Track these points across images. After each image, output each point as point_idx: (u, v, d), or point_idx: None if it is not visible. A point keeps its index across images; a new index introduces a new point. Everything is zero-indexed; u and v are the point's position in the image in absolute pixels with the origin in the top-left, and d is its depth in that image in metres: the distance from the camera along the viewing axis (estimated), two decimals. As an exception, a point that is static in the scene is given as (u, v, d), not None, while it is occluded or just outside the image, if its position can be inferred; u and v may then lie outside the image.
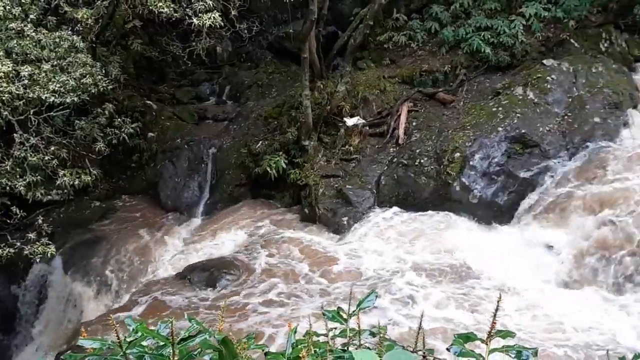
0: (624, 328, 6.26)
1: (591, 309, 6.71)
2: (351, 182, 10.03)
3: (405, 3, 12.68)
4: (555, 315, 6.57)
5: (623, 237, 7.32)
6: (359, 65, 12.18)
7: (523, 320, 6.49)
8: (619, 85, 10.14)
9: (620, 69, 10.75)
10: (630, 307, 6.64)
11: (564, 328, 6.32)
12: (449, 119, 10.46)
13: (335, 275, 7.73)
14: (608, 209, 7.72)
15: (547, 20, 11.68)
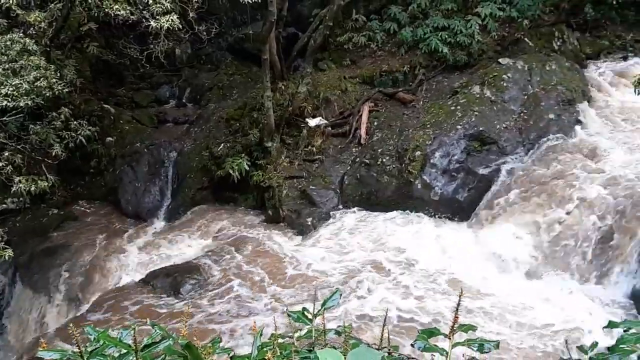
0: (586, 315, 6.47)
1: (551, 297, 6.91)
2: (315, 182, 10.06)
3: (364, 4, 12.79)
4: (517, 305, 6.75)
5: (576, 229, 7.57)
6: (319, 66, 12.23)
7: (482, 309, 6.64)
8: (572, 82, 10.47)
9: (572, 67, 11.10)
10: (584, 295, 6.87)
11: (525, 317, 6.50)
12: (409, 118, 10.60)
13: (299, 276, 7.75)
14: (562, 202, 7.97)
15: (502, 19, 11.97)
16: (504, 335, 6.09)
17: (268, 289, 7.54)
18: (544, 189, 8.38)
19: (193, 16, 8.97)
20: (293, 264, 8.06)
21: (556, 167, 8.70)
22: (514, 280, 7.44)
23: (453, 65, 11.49)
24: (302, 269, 7.93)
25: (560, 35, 12.05)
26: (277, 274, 7.87)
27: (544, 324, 6.36)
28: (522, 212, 8.27)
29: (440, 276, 7.44)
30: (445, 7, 11.96)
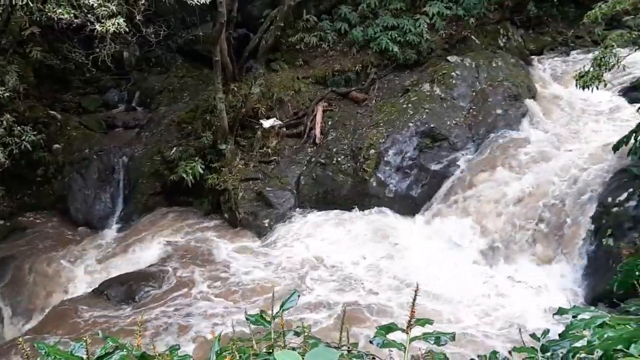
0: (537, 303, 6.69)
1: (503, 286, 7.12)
2: (271, 184, 10.02)
3: (315, 4, 12.82)
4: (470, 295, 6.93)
5: (525, 219, 7.83)
6: (272, 67, 12.19)
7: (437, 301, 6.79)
8: (518, 78, 10.81)
9: (517, 63, 11.47)
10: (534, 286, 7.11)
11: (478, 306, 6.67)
12: (362, 117, 10.70)
13: (257, 278, 7.71)
14: (511, 193, 8.22)
15: (449, 18, 12.23)
16: (458, 325, 6.23)
17: (225, 292, 7.47)
18: (493, 182, 8.63)
19: (140, 19, 8.77)
20: (250, 266, 8.01)
21: (504, 160, 8.98)
22: (466, 270, 7.62)
23: (403, 64, 11.66)
24: (260, 270, 7.90)
25: (505, 33, 12.42)
26: (235, 276, 7.81)
27: (497, 313, 6.55)
28: (473, 205, 8.48)
29: (395, 271, 7.56)
30: (394, 6, 12.12)
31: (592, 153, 8.39)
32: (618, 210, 6.76)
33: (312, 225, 9.02)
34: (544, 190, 7.92)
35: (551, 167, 8.35)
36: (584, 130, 9.39)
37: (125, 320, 7.09)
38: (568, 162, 8.29)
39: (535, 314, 6.33)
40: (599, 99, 9.68)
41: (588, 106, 10.04)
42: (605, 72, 6.82)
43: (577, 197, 7.52)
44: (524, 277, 7.29)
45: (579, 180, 7.74)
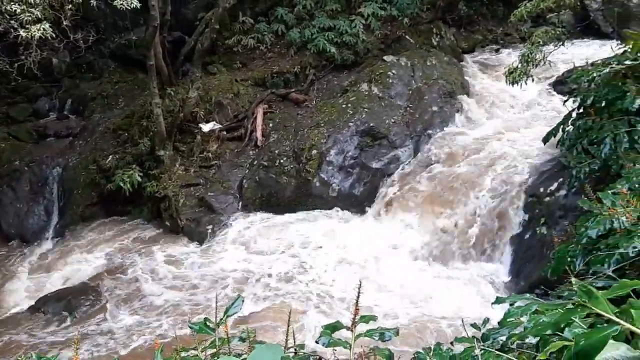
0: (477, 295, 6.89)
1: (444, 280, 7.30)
2: (213, 188, 9.87)
3: (250, 6, 12.72)
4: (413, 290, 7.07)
5: (463, 213, 8.07)
6: (209, 70, 12.01)
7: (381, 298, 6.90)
8: (451, 76, 11.14)
9: (451, 61, 11.81)
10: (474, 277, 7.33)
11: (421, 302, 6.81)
12: (303, 118, 10.72)
13: (200, 285, 7.56)
14: (449, 189, 8.45)
15: (384, 18, 12.44)
16: (401, 320, 6.35)
17: (169, 301, 7.29)
18: (431, 178, 8.85)
19: (67, 24, 8.44)
20: (193, 274, 7.86)
21: (441, 156, 9.23)
22: (408, 266, 7.75)
23: (341, 65, 11.77)
24: (203, 277, 7.76)
25: (438, 32, 12.75)
26: (177, 285, 7.63)
27: (438, 306, 6.70)
28: (413, 201, 8.66)
29: (339, 270, 7.61)
30: (329, 7, 12.21)
31: (523, 145, 8.73)
32: (549, 200, 7.06)
33: (256, 228, 8.94)
34: (479, 184, 8.18)
35: (485, 160, 8.63)
36: (514, 123, 9.76)
37: (64, 337, 6.80)
38: (501, 154, 8.60)
39: (476, 304, 6.51)
40: (528, 93, 10.08)
41: (518, 100, 10.45)
42: (533, 67, 7.12)
43: (511, 189, 7.81)
44: (463, 269, 7.49)
45: (512, 171, 8.04)
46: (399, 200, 8.84)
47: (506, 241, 7.47)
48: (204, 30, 11.67)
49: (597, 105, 6.27)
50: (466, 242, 7.77)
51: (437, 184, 8.65)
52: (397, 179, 9.28)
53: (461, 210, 8.07)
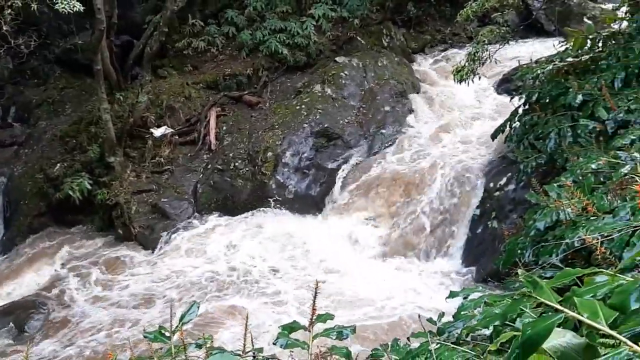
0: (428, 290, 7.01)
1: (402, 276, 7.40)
2: (166, 194, 9.68)
3: (200, 8, 12.56)
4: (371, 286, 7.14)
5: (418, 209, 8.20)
6: (160, 74, 11.78)
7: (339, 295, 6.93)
8: (402, 76, 11.31)
9: (401, 61, 11.99)
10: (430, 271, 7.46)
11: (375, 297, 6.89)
12: (257, 120, 10.66)
13: (153, 294, 7.39)
14: (402, 185, 8.58)
15: (334, 20, 12.51)
16: (359, 317, 6.40)
17: (121, 312, 7.11)
18: (385, 175, 8.96)
19: (7, 29, 8.12)
20: (146, 282, 7.68)
21: (395, 154, 9.36)
22: (365, 263, 7.83)
23: (294, 66, 11.77)
24: (157, 285, 7.59)
25: (388, 33, 12.91)
26: (130, 294, 7.44)
27: (395, 303, 6.78)
28: (369, 199, 8.75)
29: (297, 271, 7.61)
30: (280, 9, 12.19)
31: (474, 142, 8.96)
32: (500, 194, 7.27)
33: (212, 233, 8.83)
34: (433, 180, 8.34)
35: (438, 157, 8.81)
36: (464, 121, 9.99)
37: (14, 355, 6.53)
38: (453, 151, 8.80)
39: (433, 298, 6.63)
40: (477, 90, 10.34)
41: (466, 98, 10.69)
42: (479, 66, 7.30)
43: (463, 184, 7.99)
44: (420, 264, 7.62)
45: (464, 167, 8.23)
46: (354, 199, 8.91)
47: (460, 235, 7.64)
48: (152, 33, 11.44)
49: (542, 102, 6.49)
50: (422, 237, 7.90)
51: (391, 182, 8.77)
52: (352, 178, 9.36)
53: (415, 206, 8.21)
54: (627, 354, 1.29)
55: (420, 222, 8.02)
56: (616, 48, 6.13)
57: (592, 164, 4.19)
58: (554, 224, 3.82)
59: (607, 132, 5.13)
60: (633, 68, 5.44)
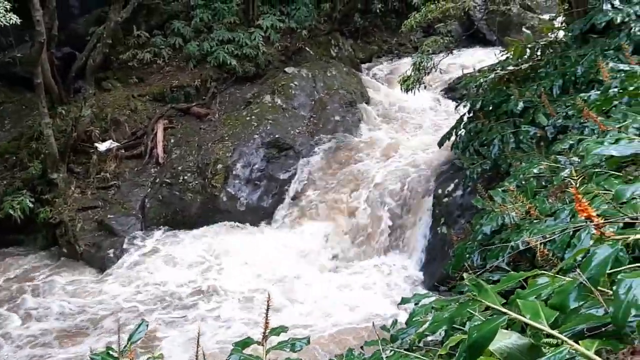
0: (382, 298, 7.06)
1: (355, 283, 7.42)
2: (113, 210, 9.39)
3: (145, 20, 12.35)
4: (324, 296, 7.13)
5: (370, 217, 8.27)
6: (104, 86, 11.48)
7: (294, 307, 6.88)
8: (351, 85, 11.44)
9: (350, 71, 12.13)
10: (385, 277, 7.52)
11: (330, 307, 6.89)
12: (206, 132, 10.52)
13: (101, 315, 7.11)
14: (355, 194, 8.63)
15: (283, 31, 12.55)
16: (314, 327, 6.38)
17: (67, 334, 6.81)
18: (337, 184, 9.01)
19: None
20: (94, 302, 7.40)
21: (346, 163, 9.42)
22: (320, 272, 7.82)
23: (243, 77, 11.72)
24: (103, 305, 7.31)
25: (336, 43, 13.05)
26: (75, 315, 7.14)
27: (349, 311, 6.79)
28: (320, 209, 8.76)
29: (248, 284, 7.50)
30: (228, 20, 12.13)
31: (422, 149, 9.13)
32: (448, 200, 7.41)
33: (160, 250, 8.60)
34: (384, 188, 8.44)
35: (388, 165, 8.92)
36: (412, 128, 10.18)
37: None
38: (402, 159, 8.94)
39: (386, 306, 6.68)
40: (422, 99, 10.55)
41: (414, 107, 10.91)
42: (425, 75, 7.46)
43: (413, 191, 8.12)
44: (372, 273, 7.66)
45: (413, 175, 8.36)
46: (307, 208, 8.91)
47: (412, 242, 7.74)
48: (95, 45, 11.14)
49: (486, 109, 6.67)
50: (374, 245, 7.96)
51: (342, 190, 8.81)
52: (304, 188, 9.35)
53: (367, 215, 8.27)
54: (568, 352, 1.32)
55: (372, 231, 8.09)
56: (554, 56, 6.37)
57: (534, 168, 4.31)
58: (499, 227, 3.91)
59: (548, 137, 5.30)
60: (570, 75, 5.66)
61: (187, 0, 12.59)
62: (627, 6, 5.75)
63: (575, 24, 6.19)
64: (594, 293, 1.49)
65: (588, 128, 3.89)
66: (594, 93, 4.15)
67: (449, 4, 7.34)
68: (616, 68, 4.24)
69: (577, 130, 4.30)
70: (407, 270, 7.54)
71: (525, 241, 3.11)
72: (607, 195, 2.53)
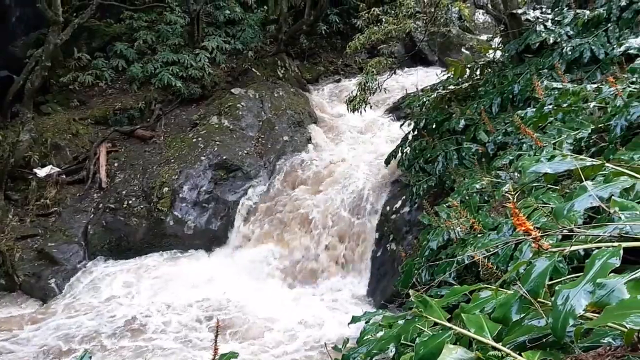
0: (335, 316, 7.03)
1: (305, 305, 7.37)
2: (54, 238, 9.00)
3: (86, 42, 12.06)
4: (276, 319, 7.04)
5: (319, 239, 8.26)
6: (43, 110, 11.08)
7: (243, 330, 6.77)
8: (299, 106, 11.49)
9: (297, 92, 12.20)
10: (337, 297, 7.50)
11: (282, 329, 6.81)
12: (151, 155, 10.31)
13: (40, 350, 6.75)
14: (303, 215, 8.61)
15: (229, 52, 12.53)
16: (265, 350, 6.28)
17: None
18: (286, 204, 8.97)
19: None
20: (32, 336, 7.03)
21: (295, 184, 9.41)
22: (270, 294, 7.72)
23: (189, 98, 11.59)
24: (44, 339, 6.94)
25: (282, 64, 13.12)
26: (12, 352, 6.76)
27: (301, 332, 6.73)
28: (271, 230, 8.69)
29: (198, 310, 7.32)
30: (172, 42, 12.01)
31: (369, 167, 9.22)
32: (395, 217, 7.51)
33: (105, 278, 8.29)
34: (333, 208, 8.46)
35: (336, 184, 8.97)
36: (359, 147, 10.30)
37: None
38: (350, 178, 9.00)
39: (337, 325, 6.65)
40: (368, 118, 10.72)
41: (360, 126, 11.05)
42: (370, 95, 7.59)
43: (362, 210, 8.18)
44: (324, 293, 7.64)
45: (362, 193, 8.44)
46: (257, 231, 8.81)
47: (362, 260, 7.77)
48: (34, 68, 10.75)
49: (429, 127, 6.84)
50: (325, 264, 7.95)
51: (292, 210, 8.78)
52: (253, 209, 9.26)
53: (317, 235, 8.26)
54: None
55: (322, 251, 8.08)
56: (492, 76, 6.62)
57: (476, 184, 4.43)
58: (445, 243, 3.99)
59: (489, 153, 5.47)
60: (507, 94, 5.88)
61: (129, 22, 12.41)
62: (558, 27, 6.06)
63: (511, 44, 6.45)
64: (535, 305, 1.52)
65: (526, 144, 4.03)
66: (530, 110, 4.31)
67: (391, 26, 7.52)
68: (550, 86, 4.43)
69: (516, 146, 4.44)
70: (357, 289, 7.55)
71: (470, 255, 3.18)
72: (545, 209, 2.63)
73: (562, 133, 3.46)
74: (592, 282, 1.38)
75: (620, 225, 1.63)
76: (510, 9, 6.61)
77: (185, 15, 12.54)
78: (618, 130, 3.04)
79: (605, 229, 1.67)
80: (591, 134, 3.34)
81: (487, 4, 8.21)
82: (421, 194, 6.30)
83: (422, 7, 7.51)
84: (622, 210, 1.68)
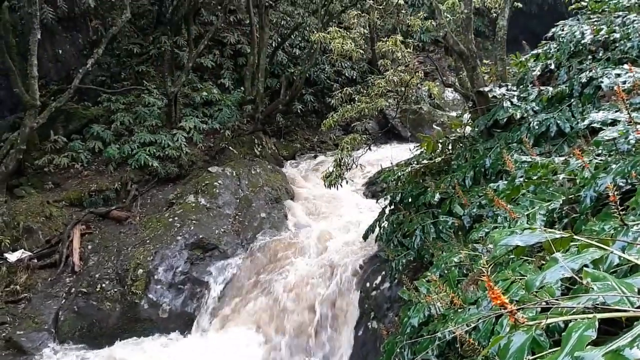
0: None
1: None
2: (23, 326, 8.61)
3: (63, 124, 12.15)
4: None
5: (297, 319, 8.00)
6: (16, 193, 10.94)
7: None
8: (276, 182, 11.56)
9: (274, 168, 12.32)
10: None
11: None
12: (126, 236, 10.14)
13: None
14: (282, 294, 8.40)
15: (206, 131, 12.73)
16: None
17: None
18: (263, 285, 8.78)
19: None
20: None
21: (272, 261, 9.26)
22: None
23: (166, 178, 11.61)
24: None
25: (259, 142, 13.34)
26: None
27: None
28: (250, 311, 8.44)
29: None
30: (149, 123, 12.17)
31: (347, 243, 9.16)
32: (376, 294, 7.37)
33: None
34: (313, 287, 8.30)
35: (314, 262, 8.86)
36: (337, 223, 10.28)
37: None
38: (328, 254, 8.91)
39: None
40: (345, 194, 10.79)
41: (339, 201, 11.10)
42: (346, 171, 7.67)
43: (341, 288, 8.04)
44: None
45: (340, 270, 8.32)
46: (235, 312, 8.56)
47: (344, 340, 7.54)
48: (8, 151, 10.73)
49: (405, 201, 6.88)
50: (307, 347, 7.69)
51: (270, 292, 8.58)
52: (230, 290, 9.04)
53: (296, 315, 8.04)
54: None
55: (301, 333, 7.84)
56: (464, 150, 6.78)
57: (454, 257, 4.42)
58: (426, 319, 3.91)
59: (465, 226, 5.50)
60: (479, 167, 6.00)
61: (107, 105, 12.59)
62: (524, 103, 6.30)
63: (480, 120, 6.65)
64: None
65: (500, 216, 4.07)
66: (502, 183, 4.38)
67: (364, 105, 7.74)
68: (520, 159, 4.54)
69: (491, 219, 4.47)
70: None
71: (451, 331, 3.11)
72: (523, 281, 2.61)
73: (535, 205, 3.51)
74: (570, 355, 1.36)
75: (594, 296, 1.62)
76: (477, 87, 6.88)
77: (163, 97, 12.79)
78: (588, 201, 3.10)
79: (579, 300, 1.66)
80: (563, 205, 3.39)
81: (455, 82, 8.54)
82: (400, 269, 6.23)
83: (393, 86, 7.77)
84: (594, 281, 1.68)
